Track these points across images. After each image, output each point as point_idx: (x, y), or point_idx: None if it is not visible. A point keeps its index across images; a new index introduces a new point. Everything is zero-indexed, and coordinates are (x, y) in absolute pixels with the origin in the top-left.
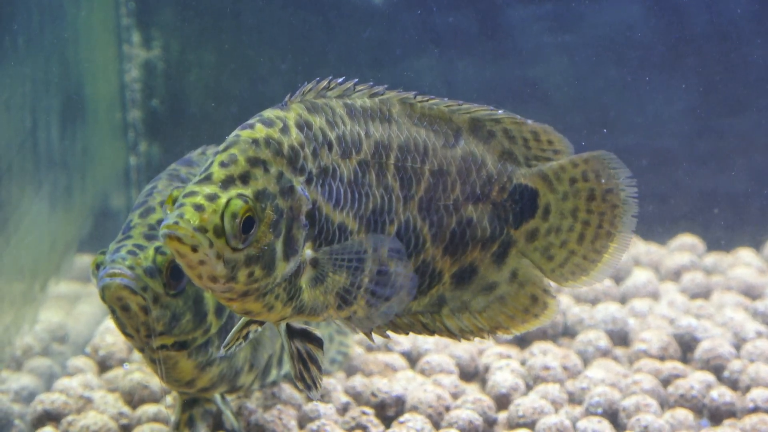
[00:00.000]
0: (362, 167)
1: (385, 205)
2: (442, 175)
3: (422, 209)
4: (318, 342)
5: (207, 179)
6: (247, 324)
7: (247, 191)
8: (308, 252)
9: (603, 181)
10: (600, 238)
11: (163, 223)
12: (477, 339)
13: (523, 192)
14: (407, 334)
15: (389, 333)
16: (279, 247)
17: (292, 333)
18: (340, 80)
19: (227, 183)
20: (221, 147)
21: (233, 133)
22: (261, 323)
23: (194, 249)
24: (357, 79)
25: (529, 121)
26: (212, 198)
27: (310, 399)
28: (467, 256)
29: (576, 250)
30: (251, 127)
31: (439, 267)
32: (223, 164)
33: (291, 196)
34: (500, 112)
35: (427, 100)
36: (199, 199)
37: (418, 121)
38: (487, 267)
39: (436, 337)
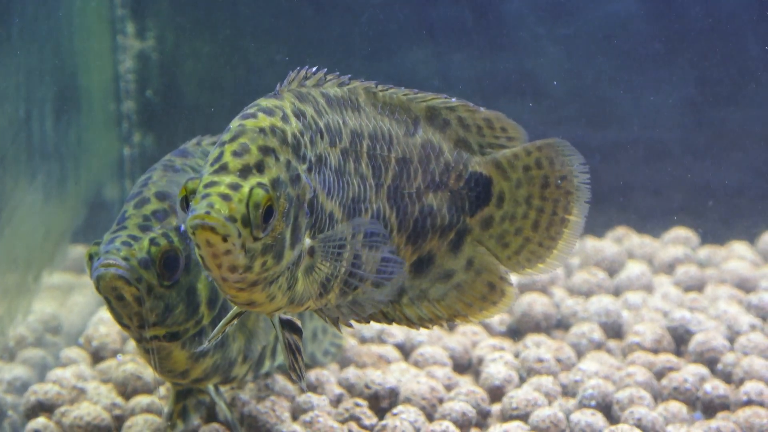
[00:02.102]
0: (344, 155)
1: (362, 193)
2: (406, 164)
3: (390, 197)
4: (300, 332)
5: (223, 169)
6: (235, 316)
7: (264, 180)
8: (307, 241)
9: (556, 167)
10: (554, 224)
11: (191, 214)
12: (436, 326)
13: (478, 179)
14: (368, 323)
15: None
16: (287, 235)
17: (282, 324)
18: (314, 70)
19: (245, 172)
20: (227, 137)
21: (236, 123)
22: (240, 315)
23: (224, 239)
24: (326, 69)
25: (482, 109)
26: (235, 187)
27: (303, 390)
28: (426, 244)
29: (531, 237)
30: (254, 116)
31: (401, 256)
32: (236, 153)
33: (298, 185)
34: (453, 100)
35: (387, 89)
36: (223, 189)
37: (381, 109)
38: (443, 255)
39: (431, 330)
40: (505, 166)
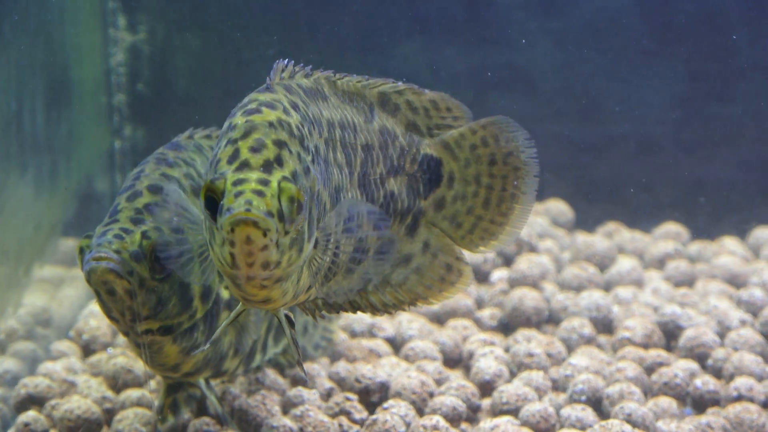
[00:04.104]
0: (327, 145)
1: (341, 181)
2: (370, 150)
3: (360, 185)
4: (294, 325)
5: (245, 166)
6: (238, 315)
7: (287, 173)
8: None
9: (502, 144)
10: (505, 201)
11: (229, 213)
12: (399, 311)
13: (430, 162)
14: (338, 312)
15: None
16: (306, 228)
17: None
18: (285, 62)
19: (267, 167)
20: (238, 134)
21: (242, 120)
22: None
23: (265, 234)
24: (314, 62)
25: (427, 91)
26: (265, 183)
27: (295, 384)
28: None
29: (483, 215)
30: (258, 111)
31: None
32: (253, 149)
33: (308, 176)
34: (400, 84)
35: (343, 78)
36: (255, 185)
37: (342, 98)
38: (402, 240)
39: (420, 323)
40: (453, 147)
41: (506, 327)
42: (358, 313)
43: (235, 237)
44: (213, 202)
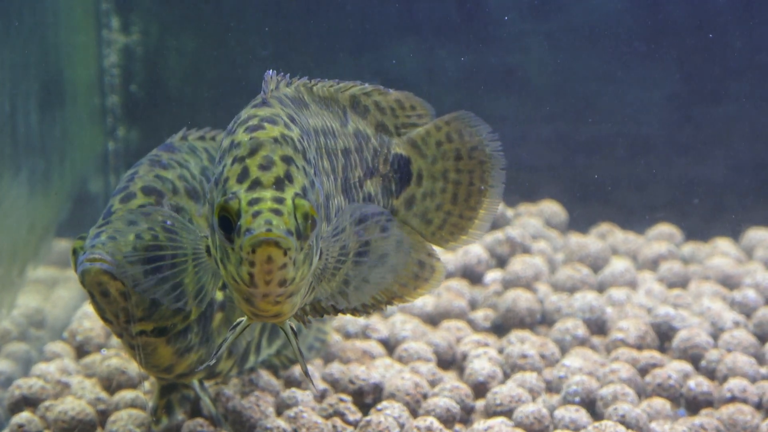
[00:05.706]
0: (318, 154)
1: (330, 189)
2: (348, 154)
3: (343, 190)
4: (296, 334)
5: (257, 184)
6: (244, 328)
7: (298, 189)
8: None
9: (466, 139)
10: (473, 195)
11: (250, 233)
12: (377, 311)
13: (400, 161)
14: (322, 316)
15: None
16: (313, 242)
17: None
18: (273, 72)
19: (279, 184)
20: (244, 152)
21: (245, 137)
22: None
23: (285, 253)
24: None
25: (391, 91)
26: (280, 201)
27: (289, 385)
28: None
29: (452, 211)
30: (261, 127)
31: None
32: (263, 167)
33: (314, 190)
34: (367, 85)
35: (317, 83)
36: (271, 204)
37: (320, 104)
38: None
39: (414, 324)
40: (420, 144)
41: (500, 328)
42: (339, 315)
43: (255, 258)
44: (227, 221)
